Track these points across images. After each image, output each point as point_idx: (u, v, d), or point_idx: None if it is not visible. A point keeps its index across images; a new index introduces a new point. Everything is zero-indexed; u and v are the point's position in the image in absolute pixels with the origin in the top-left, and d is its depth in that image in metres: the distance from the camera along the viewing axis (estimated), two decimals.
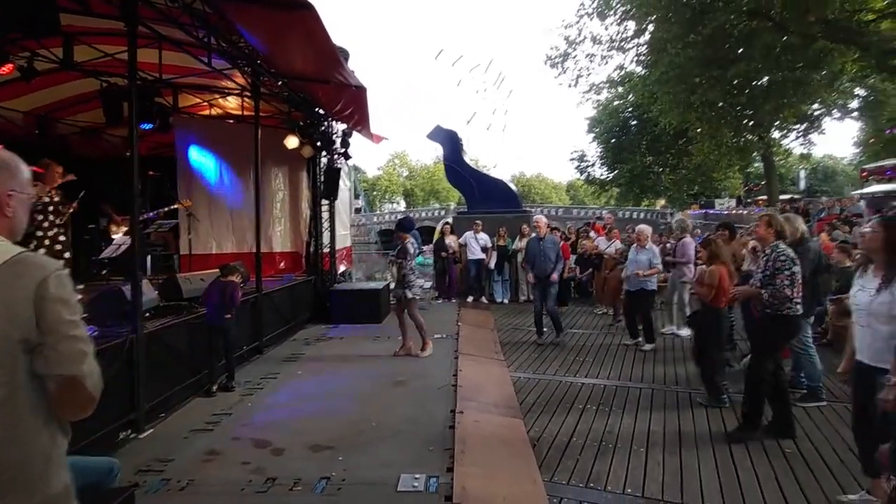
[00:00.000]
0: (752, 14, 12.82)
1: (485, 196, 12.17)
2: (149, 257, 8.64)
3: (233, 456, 3.81)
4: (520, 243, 11.01)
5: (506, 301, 11.20)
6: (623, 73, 19.19)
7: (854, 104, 22.42)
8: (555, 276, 7.36)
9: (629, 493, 3.44)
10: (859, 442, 3.20)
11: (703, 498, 3.36)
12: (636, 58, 18.06)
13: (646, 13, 14.58)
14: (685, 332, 7.90)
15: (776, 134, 23.21)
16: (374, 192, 73.12)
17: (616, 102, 33.86)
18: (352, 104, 6.80)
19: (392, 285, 7.17)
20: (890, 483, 2.19)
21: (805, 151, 27.09)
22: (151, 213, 8.20)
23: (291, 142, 7.87)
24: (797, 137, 24.05)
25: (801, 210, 14.98)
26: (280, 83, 6.75)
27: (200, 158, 8.84)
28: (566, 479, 3.65)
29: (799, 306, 4.10)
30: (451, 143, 12.50)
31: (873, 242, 2.99)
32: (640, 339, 7.21)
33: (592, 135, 37.63)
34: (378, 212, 58.57)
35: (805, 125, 22.51)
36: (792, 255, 4.10)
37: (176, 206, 8.45)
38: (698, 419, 4.69)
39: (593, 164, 39.89)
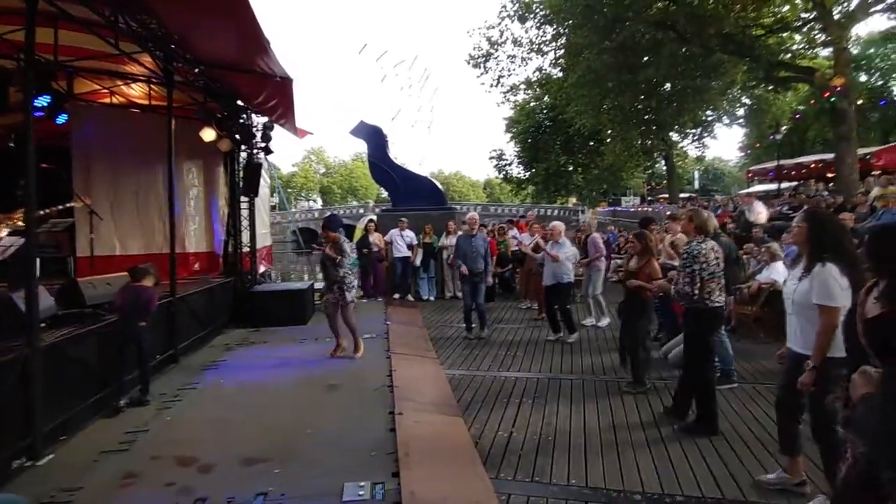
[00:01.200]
0: (658, 25, 13.77)
1: (410, 193, 12.08)
2: (38, 260, 7.68)
3: (154, 477, 3.46)
4: (446, 240, 11.06)
5: (432, 298, 11.20)
6: (542, 75, 19.82)
7: (741, 112, 24.73)
8: (489, 279, 7.46)
9: (574, 485, 3.51)
10: (780, 424, 3.45)
11: (641, 483, 3.50)
12: (554, 61, 18.76)
13: (563, 19, 15.17)
14: (604, 322, 8.31)
15: (675, 137, 25.10)
16: (289, 190, 70.61)
17: (532, 103, 35.05)
18: (276, 96, 6.43)
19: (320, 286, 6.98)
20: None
21: (699, 154, 29.54)
22: (43, 211, 7.29)
23: (208, 134, 7.33)
24: (693, 141, 26.18)
25: (701, 207, 16.25)
26: (197, 70, 6.23)
27: (101, 151, 7.99)
28: (512, 474, 3.66)
29: (710, 300, 4.28)
30: (375, 139, 12.28)
31: (800, 235, 3.18)
32: (561, 333, 7.39)
33: (510, 134, 38.72)
34: (294, 209, 56.59)
35: (700, 130, 24.53)
36: (696, 252, 4.25)
37: (72, 204, 7.59)
38: (628, 407, 4.90)
39: (511, 163, 41.08)
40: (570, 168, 37.25)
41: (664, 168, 35.65)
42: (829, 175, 17.62)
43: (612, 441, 4.17)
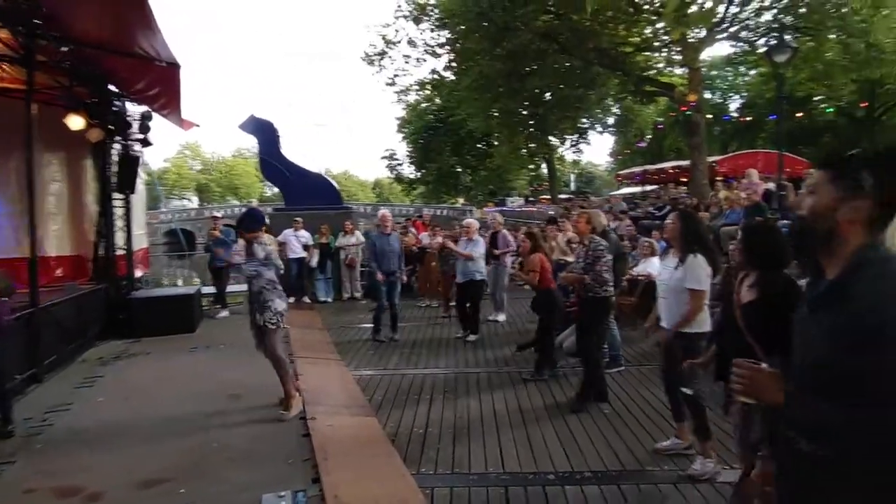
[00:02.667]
0: (544, 36, 14.69)
1: (304, 192, 11.64)
2: None
3: None
4: (343, 240, 10.85)
5: (329, 300, 10.92)
6: (436, 76, 20.15)
7: (611, 120, 27.19)
8: (403, 278, 7.43)
9: (492, 472, 3.65)
10: (669, 395, 3.89)
11: (553, 464, 3.74)
12: (448, 63, 19.17)
13: (456, 23, 15.58)
14: (501, 317, 8.67)
15: (555, 142, 26.92)
16: (161, 187, 64.56)
17: (424, 104, 35.50)
18: (160, 83, 5.86)
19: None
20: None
21: (576, 158, 31.93)
22: None
23: (75, 122, 6.49)
24: (571, 146, 28.29)
25: (580, 207, 17.60)
26: (65, 50, 5.48)
27: None
28: (432, 468, 3.72)
29: (611, 288, 4.81)
30: (266, 135, 11.66)
31: (673, 232, 3.66)
32: (469, 329, 7.52)
33: (402, 135, 38.87)
34: (166, 208, 51.81)
35: (577, 136, 26.56)
36: (605, 244, 4.79)
37: None
38: (532, 394, 5.19)
39: (402, 163, 41.26)
40: (460, 169, 38.29)
41: (545, 170, 38.01)
42: (684, 179, 19.99)
43: (523, 427, 4.40)
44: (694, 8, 12.01)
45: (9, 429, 4.21)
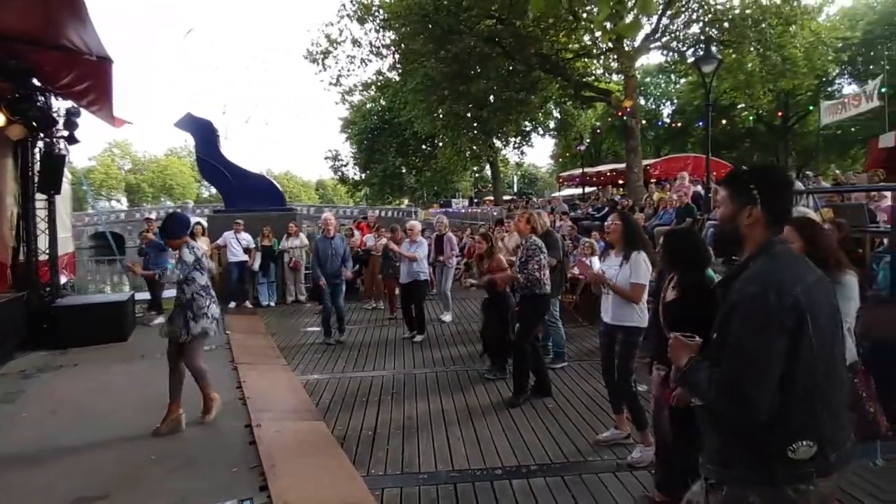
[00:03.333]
0: (488, 40, 14.95)
1: (245, 193, 11.29)
2: None
3: None
4: (287, 243, 10.62)
5: (273, 304, 10.64)
6: (381, 77, 19.97)
7: (552, 124, 27.99)
8: (349, 273, 7.36)
9: (442, 470, 3.70)
10: (608, 387, 4.08)
11: (500, 459, 3.84)
12: (392, 65, 19.08)
13: (401, 25, 15.57)
14: (447, 317, 8.76)
15: (499, 144, 27.43)
16: (85, 188, 60.72)
17: (369, 105, 35.18)
18: (89, 78, 5.53)
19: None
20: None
21: (518, 160, 32.62)
22: None
23: None
24: (514, 148, 28.91)
25: (523, 208, 18.02)
26: None
27: None
28: (382, 469, 3.73)
29: (548, 286, 4.96)
30: (204, 134, 11.22)
31: (616, 232, 3.86)
32: (416, 330, 7.57)
33: (346, 135, 38.34)
34: (93, 210, 48.71)
35: (520, 138, 27.18)
36: (540, 244, 4.92)
37: None
38: (479, 392, 5.29)
39: (347, 164, 40.70)
40: (404, 170, 38.23)
41: (489, 172, 38.60)
42: (621, 181, 20.90)
43: (470, 425, 4.48)
44: (630, 18, 12.62)
45: None
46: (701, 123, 27.89)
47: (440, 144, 24.73)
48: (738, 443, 1.55)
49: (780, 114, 29.53)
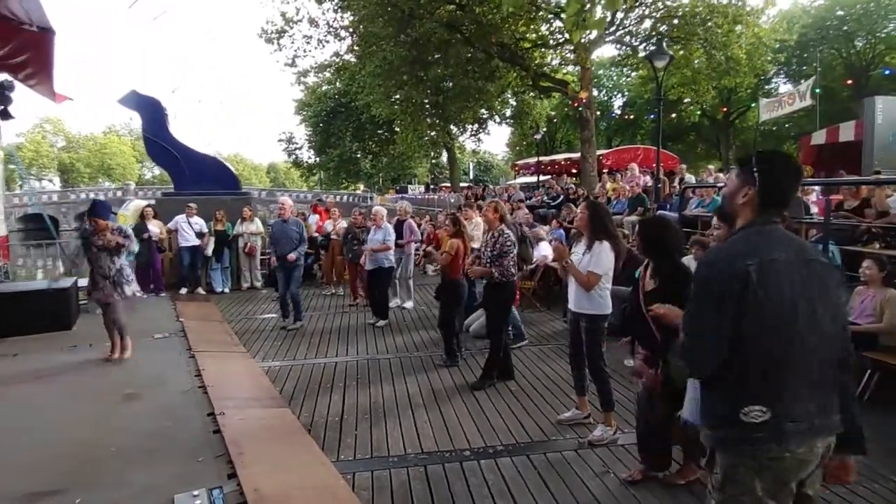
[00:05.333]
0: (448, 26, 14.84)
1: (196, 175, 10.84)
2: None
3: None
4: (242, 227, 10.31)
5: (227, 290, 10.33)
6: (338, 60, 19.44)
7: (509, 112, 28.19)
8: (292, 255, 7.20)
9: (411, 453, 3.76)
10: (573, 371, 4.22)
11: (468, 440, 3.93)
12: (351, 47, 18.61)
13: (361, 7, 15.21)
14: (409, 304, 8.77)
15: (455, 131, 27.43)
16: (16, 167, 56.61)
17: (325, 87, 34.27)
18: (27, 50, 5.12)
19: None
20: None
21: (475, 148, 32.75)
22: None
23: None
24: (471, 136, 28.97)
25: (480, 195, 18.16)
26: None
27: None
28: (351, 455, 3.74)
29: (514, 274, 5.07)
30: (150, 112, 10.67)
31: (582, 220, 3.96)
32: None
33: (300, 117, 37.27)
34: (21, 190, 45.43)
35: (477, 126, 27.26)
36: (514, 238, 5.00)
37: None
38: (444, 377, 5.36)
39: (301, 147, 39.61)
40: (360, 155, 37.63)
41: (446, 159, 38.53)
42: (574, 171, 21.38)
43: (436, 408, 4.56)
44: (598, 13, 12.83)
45: None
46: (652, 116, 28.86)
47: (398, 130, 24.45)
48: (707, 403, 1.75)
49: (724, 109, 30.93)
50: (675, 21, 16.07)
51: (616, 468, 3.51)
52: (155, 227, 9.63)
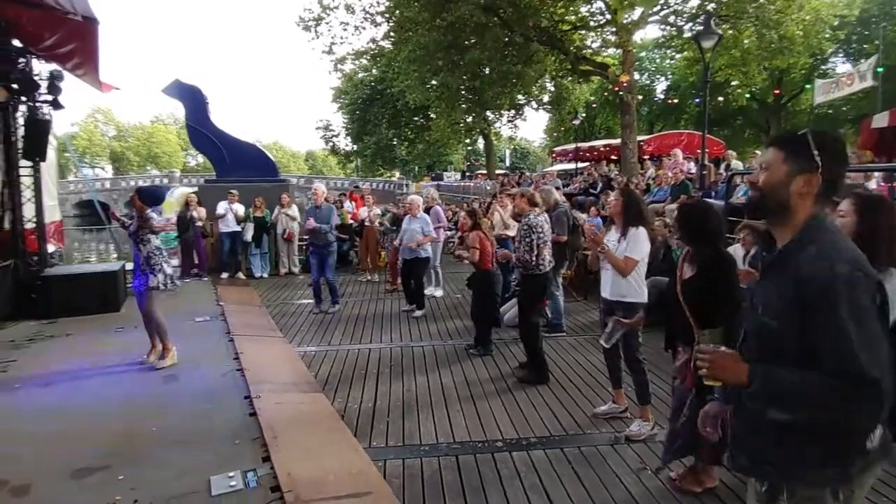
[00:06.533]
0: (485, 10, 14.56)
1: (237, 163, 11.07)
2: None
3: None
4: (279, 213, 10.47)
5: (265, 275, 10.55)
6: (375, 46, 19.42)
7: (546, 98, 27.65)
8: (312, 222, 7.27)
9: (443, 442, 3.73)
10: (608, 363, 4.11)
11: (500, 432, 3.88)
12: (387, 33, 18.56)
13: None
14: (438, 293, 8.70)
15: (492, 117, 27.12)
16: (71, 154, 59.49)
17: (361, 75, 34.39)
18: (73, 40, 5.29)
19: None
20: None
21: (511, 134, 32.35)
22: None
23: None
24: (507, 122, 28.61)
25: (517, 182, 17.92)
26: None
27: None
28: (383, 442, 3.75)
29: (543, 266, 4.88)
30: (193, 101, 10.91)
31: (616, 207, 3.84)
32: (415, 304, 7.50)
33: (337, 105, 37.61)
34: (76, 178, 47.65)
35: (513, 112, 26.89)
36: (534, 223, 4.80)
37: None
38: (478, 366, 5.31)
39: (338, 135, 40.02)
40: (396, 142, 37.72)
41: (482, 145, 38.23)
42: (614, 157, 20.80)
43: (469, 397, 4.52)
44: None
45: None
46: (697, 101, 27.74)
47: (433, 116, 24.34)
48: (807, 440, 1.39)
49: (776, 92, 29.40)
50: None
51: (653, 464, 3.40)
52: (198, 213, 9.91)
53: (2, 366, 5.14)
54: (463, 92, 18.80)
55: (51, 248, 8.54)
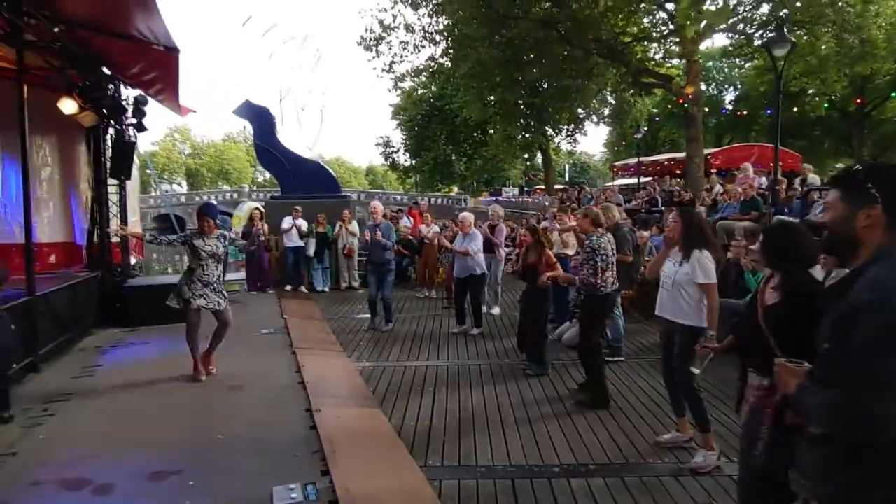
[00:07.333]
0: (544, 24, 14.53)
1: (301, 180, 11.54)
2: None
3: None
4: (340, 229, 10.77)
5: (327, 289, 10.87)
6: (434, 63, 19.86)
7: (607, 111, 27.15)
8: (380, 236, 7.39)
9: (498, 465, 3.68)
10: (669, 388, 3.93)
11: (558, 456, 3.78)
12: (445, 50, 18.90)
13: (456, 10, 15.37)
14: (496, 310, 8.62)
15: (551, 132, 26.88)
16: (151, 171, 63.97)
17: (420, 91, 35.12)
18: (157, 68, 5.73)
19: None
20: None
21: (570, 149, 31.91)
22: None
23: (68, 106, 6.37)
24: (567, 136, 28.27)
25: (576, 198, 17.62)
26: (56, 30, 5.34)
27: None
28: (439, 461, 3.74)
29: (607, 287, 4.75)
30: (261, 121, 11.52)
31: (675, 229, 3.70)
32: (466, 325, 7.41)
33: (397, 122, 38.57)
34: (155, 193, 51.14)
35: (573, 126, 26.56)
36: (597, 245, 4.69)
37: None
38: (534, 387, 5.22)
39: (398, 151, 40.94)
40: (454, 158, 38.13)
41: (540, 160, 37.88)
42: (679, 171, 20.05)
43: (525, 419, 4.44)
44: (709, 4, 11.91)
45: (6, 415, 4.20)
46: (770, 111, 26.34)
47: (491, 132, 24.44)
48: (848, 458, 1.43)
49: (857, 101, 27.44)
50: (798, 3, 14.49)
51: (722, 500, 3.20)
52: (263, 228, 10.37)
53: (89, 370, 5.54)
54: (521, 107, 18.76)
55: (132, 260, 9.18)
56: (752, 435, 2.45)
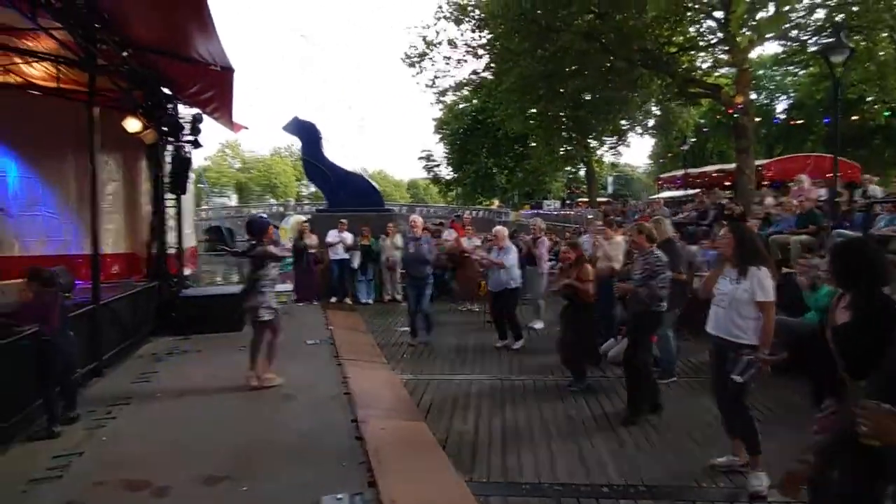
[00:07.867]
0: (587, 36, 14.45)
1: (347, 194, 11.81)
2: None
3: None
4: (384, 242, 10.93)
5: (370, 301, 11.00)
6: (476, 77, 20.07)
7: (651, 122, 26.63)
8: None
9: (545, 482, 3.62)
10: (719, 404, 3.77)
11: (606, 476, 3.69)
12: (488, 65, 19.08)
13: (498, 24, 15.51)
14: (538, 325, 8.49)
15: (593, 144, 26.57)
16: (200, 185, 66.76)
17: (462, 105, 35.45)
18: (213, 87, 6.03)
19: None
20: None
21: (614, 160, 31.39)
22: None
23: (132, 124, 6.77)
24: (610, 148, 27.88)
25: (620, 211, 17.29)
26: (125, 54, 5.70)
27: None
28: (485, 476, 3.71)
29: (664, 304, 4.67)
30: (309, 136, 11.88)
31: (728, 245, 3.59)
32: (508, 339, 7.35)
33: (439, 135, 39.02)
34: (207, 206, 53.31)
35: (616, 138, 26.16)
36: (652, 261, 4.61)
37: None
38: (580, 404, 5.12)
39: (440, 164, 41.36)
40: (496, 171, 38.18)
41: (582, 172, 37.47)
42: (728, 183, 19.39)
43: (572, 437, 4.36)
44: (771, 8, 11.52)
45: (73, 415, 4.44)
46: (827, 120, 25.24)
47: (532, 145, 24.37)
48: None
49: None
50: (855, 8, 13.87)
51: None
52: (311, 241, 10.64)
53: (147, 376, 5.80)
54: (562, 119, 18.65)
55: (187, 271, 9.58)
56: (822, 465, 2.34)
